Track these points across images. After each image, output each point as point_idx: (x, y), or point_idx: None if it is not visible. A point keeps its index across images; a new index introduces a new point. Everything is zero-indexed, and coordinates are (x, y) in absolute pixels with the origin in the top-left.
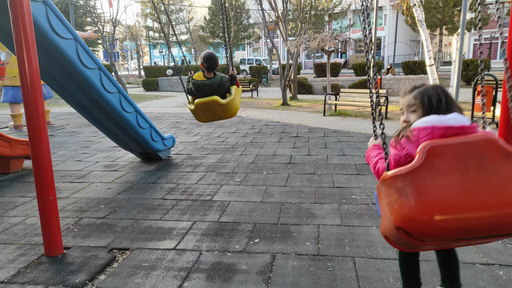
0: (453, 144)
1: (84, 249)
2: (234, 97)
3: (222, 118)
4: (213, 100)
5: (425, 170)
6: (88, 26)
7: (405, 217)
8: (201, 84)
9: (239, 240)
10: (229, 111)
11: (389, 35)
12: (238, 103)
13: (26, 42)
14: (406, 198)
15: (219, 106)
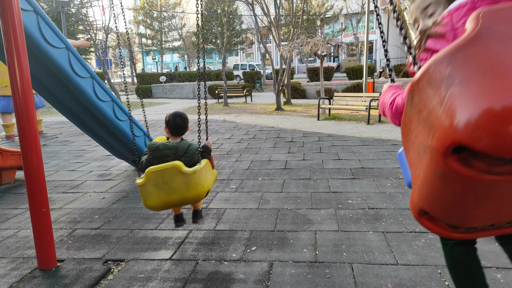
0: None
1: (79, 261)
2: (203, 167)
3: (183, 199)
4: (173, 166)
5: (487, 40)
6: (80, 34)
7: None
8: (160, 145)
9: (235, 248)
10: (195, 187)
11: (380, 39)
12: (209, 182)
13: (17, 52)
14: (461, 86)
15: (180, 177)
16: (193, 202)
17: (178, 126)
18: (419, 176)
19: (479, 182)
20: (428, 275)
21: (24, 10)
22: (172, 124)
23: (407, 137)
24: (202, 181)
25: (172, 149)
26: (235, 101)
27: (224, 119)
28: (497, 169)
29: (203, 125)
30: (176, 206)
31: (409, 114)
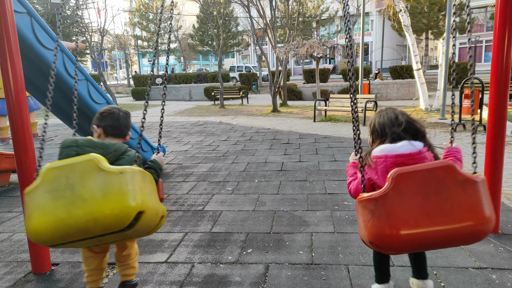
0: (416, 171)
1: (73, 264)
2: (141, 173)
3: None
4: (89, 159)
5: (393, 195)
6: (75, 36)
7: (377, 234)
8: (81, 141)
9: (231, 250)
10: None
11: (376, 41)
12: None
13: (10, 54)
14: (377, 219)
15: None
16: (109, 227)
17: (117, 121)
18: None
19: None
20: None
21: (18, 12)
22: (110, 117)
23: (357, 210)
24: (133, 190)
25: (98, 148)
26: (231, 103)
27: (220, 121)
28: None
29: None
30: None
31: (357, 207)
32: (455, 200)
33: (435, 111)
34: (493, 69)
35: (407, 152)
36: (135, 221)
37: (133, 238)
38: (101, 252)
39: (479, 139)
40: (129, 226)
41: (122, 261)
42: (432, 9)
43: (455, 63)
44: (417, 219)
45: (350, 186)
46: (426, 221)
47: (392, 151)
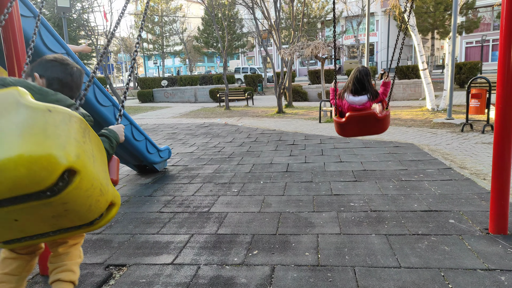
0: (358, 115)
1: (80, 266)
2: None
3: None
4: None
5: (346, 123)
6: (82, 40)
7: (339, 132)
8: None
9: (237, 252)
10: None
11: (381, 41)
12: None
13: (17, 57)
14: (340, 128)
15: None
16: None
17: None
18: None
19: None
20: (431, 278)
21: (24, 16)
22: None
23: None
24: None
25: (34, 93)
26: (236, 104)
27: (226, 123)
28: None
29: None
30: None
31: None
32: (372, 125)
33: (441, 111)
34: (500, 68)
35: (358, 105)
36: (63, 183)
37: (68, 230)
38: (26, 253)
39: (486, 139)
40: (53, 190)
41: (56, 262)
42: (438, 8)
43: None
44: (355, 131)
45: (331, 101)
46: (358, 132)
47: (352, 102)
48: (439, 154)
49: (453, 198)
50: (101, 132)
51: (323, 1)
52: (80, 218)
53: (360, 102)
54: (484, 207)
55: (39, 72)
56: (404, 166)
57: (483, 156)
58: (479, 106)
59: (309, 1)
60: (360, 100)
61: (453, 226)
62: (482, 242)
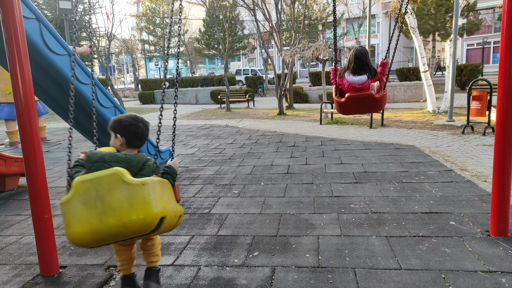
0: (357, 96)
1: (81, 267)
2: (159, 183)
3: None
4: (113, 173)
5: (346, 102)
6: (83, 41)
7: (338, 111)
8: (107, 156)
9: (238, 253)
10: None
11: (382, 43)
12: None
13: (19, 59)
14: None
15: (122, 190)
16: (138, 231)
17: (140, 134)
18: None
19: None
20: (432, 280)
21: (26, 18)
22: (134, 130)
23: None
24: (154, 199)
25: (123, 162)
26: (237, 106)
27: (227, 124)
28: None
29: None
30: (113, 237)
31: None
32: (369, 103)
33: (442, 113)
34: (501, 70)
35: (358, 85)
36: (159, 225)
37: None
38: (129, 245)
39: (487, 141)
40: (154, 230)
41: (147, 250)
42: (439, 10)
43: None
44: (353, 110)
45: (332, 80)
46: (357, 110)
47: (352, 81)
48: (440, 156)
49: (454, 200)
50: (165, 171)
51: (324, 3)
52: (165, 232)
53: (360, 82)
54: (485, 209)
55: (120, 134)
56: (405, 168)
57: (484, 158)
58: (480, 108)
59: (310, 3)
60: (360, 79)
61: (454, 228)
62: (483, 244)
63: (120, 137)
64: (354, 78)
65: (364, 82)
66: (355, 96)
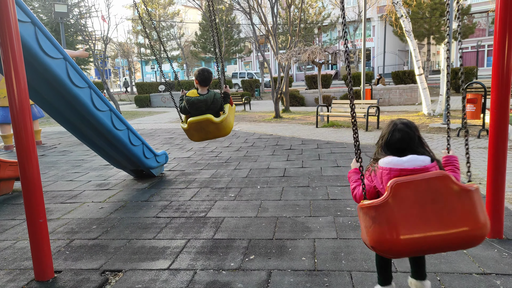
0: (414, 181)
1: (76, 272)
2: (227, 115)
3: (216, 136)
4: (206, 118)
5: (392, 203)
6: (79, 45)
7: (377, 240)
8: (195, 100)
9: (234, 257)
10: (223, 129)
11: (378, 46)
12: (232, 121)
13: (14, 62)
14: (378, 225)
15: (212, 124)
16: (222, 136)
17: (206, 78)
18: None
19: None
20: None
21: (21, 21)
22: (201, 77)
23: (359, 216)
24: (227, 125)
25: (203, 102)
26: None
27: None
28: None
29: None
30: (210, 139)
31: (359, 211)
32: (451, 207)
33: (437, 116)
34: (494, 73)
35: (412, 167)
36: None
37: None
38: None
39: (482, 144)
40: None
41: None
42: (434, 14)
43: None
44: (415, 225)
45: (355, 191)
46: (424, 227)
47: (398, 165)
48: None
49: None
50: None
51: (319, 7)
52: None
53: (413, 163)
54: None
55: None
56: None
57: (479, 160)
58: (474, 111)
59: (305, 7)
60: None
61: None
62: (478, 247)
63: (195, 80)
64: (402, 159)
65: (422, 165)
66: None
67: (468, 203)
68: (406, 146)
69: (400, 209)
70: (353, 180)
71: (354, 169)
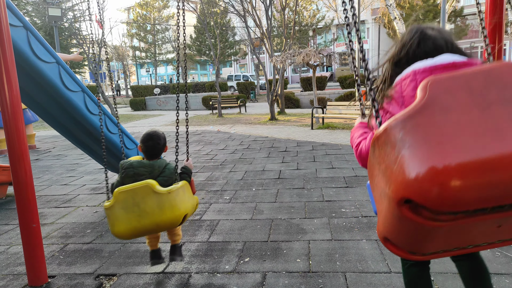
0: (465, 75)
1: (70, 276)
2: (180, 188)
3: (156, 224)
4: (145, 185)
5: (432, 110)
6: (73, 48)
7: (412, 180)
8: (135, 163)
9: (229, 260)
10: (170, 210)
11: (372, 48)
12: (187, 204)
13: (5, 67)
14: (410, 150)
15: (153, 198)
16: (167, 227)
17: (150, 150)
18: (382, 211)
19: (427, 226)
20: None
21: (13, 26)
22: (144, 149)
23: (372, 179)
24: (178, 203)
25: (147, 167)
26: (229, 111)
27: (219, 130)
28: (440, 217)
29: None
30: (148, 232)
31: (372, 162)
32: None
33: None
34: None
35: (449, 61)
36: (183, 220)
37: None
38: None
39: None
40: (179, 224)
41: (171, 232)
42: (427, 16)
43: None
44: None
45: (360, 146)
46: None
47: (425, 64)
48: None
49: None
50: (183, 171)
51: (314, 10)
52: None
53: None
54: None
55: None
56: None
57: None
58: None
59: (300, 9)
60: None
61: None
62: None
63: (139, 147)
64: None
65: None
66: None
67: None
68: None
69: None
70: (357, 136)
71: (359, 123)
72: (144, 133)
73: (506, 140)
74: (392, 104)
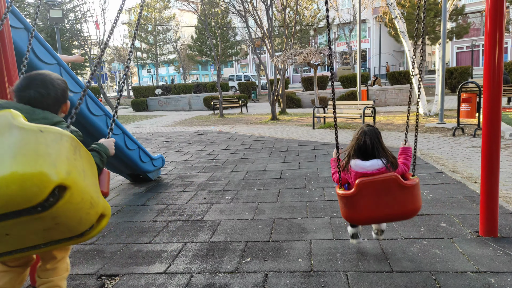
0: (373, 181)
1: (72, 277)
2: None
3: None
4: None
5: (357, 196)
6: (75, 50)
7: (347, 216)
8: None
9: (230, 260)
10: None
11: (373, 47)
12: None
13: (7, 69)
14: (348, 208)
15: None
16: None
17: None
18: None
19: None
20: (423, 281)
21: (14, 28)
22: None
23: (338, 195)
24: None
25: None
26: (230, 112)
27: (220, 130)
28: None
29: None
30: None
31: (337, 194)
32: (395, 197)
33: (433, 115)
34: (486, 73)
35: (371, 171)
36: (54, 199)
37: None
38: (17, 266)
39: (477, 143)
40: (44, 205)
41: (43, 277)
42: (428, 14)
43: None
44: (372, 209)
45: (333, 176)
46: (376, 210)
47: (362, 168)
48: (431, 158)
49: (445, 201)
50: (92, 147)
51: (315, 9)
52: (70, 230)
53: (373, 167)
54: (475, 210)
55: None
56: None
57: (474, 159)
58: (469, 110)
59: (301, 9)
60: (372, 164)
61: (444, 229)
62: (473, 245)
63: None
64: (365, 164)
65: (379, 168)
66: (371, 182)
67: (408, 194)
68: (370, 152)
69: (363, 199)
70: (333, 166)
71: (334, 157)
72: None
73: (381, 210)
74: (348, 174)
